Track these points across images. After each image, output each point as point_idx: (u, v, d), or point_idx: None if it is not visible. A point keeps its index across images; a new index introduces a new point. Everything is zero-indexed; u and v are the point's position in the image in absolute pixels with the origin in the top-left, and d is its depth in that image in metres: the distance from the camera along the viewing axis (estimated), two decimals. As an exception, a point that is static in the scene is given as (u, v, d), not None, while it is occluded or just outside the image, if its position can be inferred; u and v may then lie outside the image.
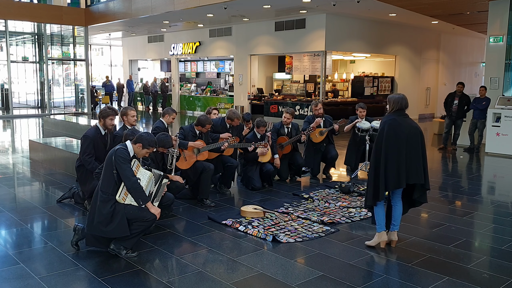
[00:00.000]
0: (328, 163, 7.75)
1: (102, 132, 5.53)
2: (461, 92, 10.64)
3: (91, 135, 5.45)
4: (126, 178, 4.12)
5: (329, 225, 5.18)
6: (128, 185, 4.12)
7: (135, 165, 4.25)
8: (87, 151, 5.40)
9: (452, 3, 12.15)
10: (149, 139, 4.30)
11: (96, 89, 22.62)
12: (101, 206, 4.16)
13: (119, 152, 4.17)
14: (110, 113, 5.48)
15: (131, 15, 16.27)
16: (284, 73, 18.32)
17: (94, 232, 4.24)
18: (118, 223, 4.13)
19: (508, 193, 7.41)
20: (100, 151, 5.43)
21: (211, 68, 21.69)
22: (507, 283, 3.81)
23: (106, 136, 5.57)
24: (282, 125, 7.29)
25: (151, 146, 4.31)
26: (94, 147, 5.43)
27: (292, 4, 13.25)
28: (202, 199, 5.98)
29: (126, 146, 4.28)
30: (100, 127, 5.52)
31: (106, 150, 5.32)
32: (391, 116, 4.38)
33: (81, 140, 5.55)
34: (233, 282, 3.79)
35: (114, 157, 4.15)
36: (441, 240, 4.79)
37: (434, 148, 11.76)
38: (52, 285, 3.71)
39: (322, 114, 7.56)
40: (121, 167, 4.12)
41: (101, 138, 5.52)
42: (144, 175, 4.28)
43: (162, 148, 5.31)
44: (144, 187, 4.24)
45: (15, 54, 20.99)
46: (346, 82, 18.69)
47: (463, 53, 20.50)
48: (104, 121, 5.47)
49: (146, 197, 4.22)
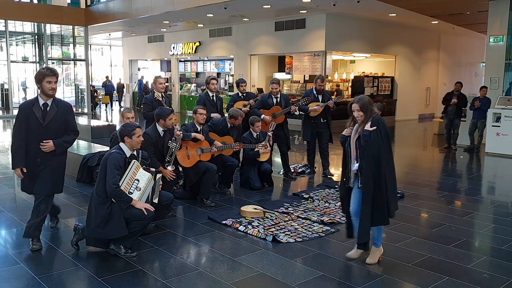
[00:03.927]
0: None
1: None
2: (459, 91, 10.66)
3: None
4: (107, 184, 4.09)
5: (329, 225, 5.18)
6: (108, 191, 4.11)
7: (135, 166, 4.25)
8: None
9: (452, 3, 12.15)
10: (126, 127, 4.32)
11: (96, 89, 22.63)
12: (98, 208, 4.17)
13: (112, 158, 4.18)
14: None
15: (131, 15, 16.27)
16: (284, 73, 18.32)
17: (94, 235, 4.25)
18: (116, 223, 4.13)
19: (508, 193, 7.40)
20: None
21: (211, 68, 21.68)
22: (507, 283, 3.81)
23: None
24: (270, 95, 7.40)
25: (131, 129, 4.29)
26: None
27: (292, 4, 13.24)
28: (202, 199, 5.98)
29: (121, 148, 4.29)
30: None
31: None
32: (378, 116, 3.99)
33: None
34: (233, 282, 3.79)
35: (108, 160, 4.18)
36: (441, 240, 4.79)
37: (435, 148, 11.77)
38: (52, 285, 3.71)
39: (323, 90, 7.63)
40: (108, 172, 4.13)
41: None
42: (143, 176, 4.28)
43: (163, 122, 5.41)
44: (143, 188, 4.24)
45: (15, 54, 20.96)
46: (346, 82, 18.67)
47: (463, 53, 20.49)
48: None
49: (128, 199, 4.16)
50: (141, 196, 4.27)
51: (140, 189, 4.25)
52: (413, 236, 4.89)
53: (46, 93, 4.24)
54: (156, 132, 5.52)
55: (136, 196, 4.21)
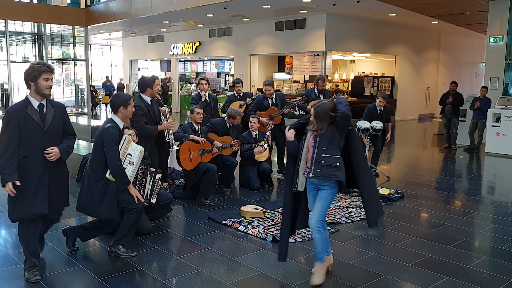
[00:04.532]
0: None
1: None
2: (454, 91, 10.68)
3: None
4: (110, 162, 4.00)
5: (329, 225, 5.17)
6: (111, 168, 4.01)
7: (126, 140, 4.15)
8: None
9: (452, 3, 12.15)
10: (121, 97, 4.28)
11: (96, 89, 22.62)
12: (92, 185, 4.06)
13: (108, 132, 4.03)
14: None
15: (131, 15, 16.27)
16: (284, 73, 18.32)
17: (83, 212, 4.21)
18: (108, 204, 4.05)
19: (508, 193, 7.40)
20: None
21: (211, 68, 21.68)
22: (507, 283, 3.81)
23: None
24: (265, 97, 7.42)
25: (127, 98, 4.25)
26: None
27: (292, 4, 13.24)
28: (201, 199, 5.99)
29: (114, 121, 4.16)
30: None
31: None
32: None
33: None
34: (233, 282, 3.79)
35: (104, 136, 4.03)
36: (441, 240, 4.79)
37: (434, 148, 11.77)
38: (52, 285, 3.71)
39: (324, 90, 7.66)
40: (108, 149, 4.00)
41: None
42: (135, 150, 4.21)
43: (150, 91, 5.56)
44: (136, 162, 4.18)
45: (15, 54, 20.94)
46: (346, 82, 18.67)
47: (463, 53, 20.49)
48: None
49: (127, 181, 4.09)
50: (134, 171, 4.20)
51: (133, 163, 4.16)
52: (413, 236, 4.89)
53: (42, 92, 3.66)
54: (144, 102, 5.65)
55: (130, 171, 4.13)
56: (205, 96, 7.12)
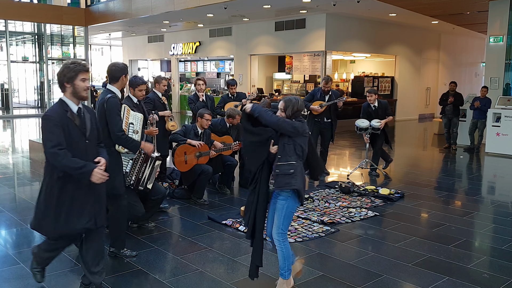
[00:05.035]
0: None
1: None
2: (454, 90, 10.68)
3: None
4: (113, 132, 3.96)
5: (329, 225, 5.18)
6: (115, 139, 3.99)
7: (126, 110, 4.13)
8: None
9: (452, 3, 12.14)
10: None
11: (96, 89, 22.60)
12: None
13: (111, 104, 3.97)
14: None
15: (131, 15, 16.26)
16: (284, 73, 18.32)
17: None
18: (121, 178, 4.09)
19: (508, 193, 7.40)
20: None
21: (211, 68, 21.68)
22: (507, 283, 3.81)
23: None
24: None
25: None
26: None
27: (292, 4, 13.23)
28: (196, 198, 6.06)
29: (112, 91, 4.11)
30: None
31: None
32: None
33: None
34: (233, 282, 3.79)
35: (107, 107, 3.98)
36: (441, 240, 4.79)
37: (435, 148, 11.77)
38: (52, 285, 3.71)
39: (329, 91, 7.73)
40: (111, 119, 3.95)
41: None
42: (135, 118, 4.21)
43: (133, 92, 5.03)
44: (139, 130, 4.22)
45: (15, 54, 20.98)
46: (346, 82, 18.67)
47: (463, 53, 20.49)
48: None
49: (136, 143, 4.07)
50: (139, 139, 4.22)
51: (138, 132, 4.19)
52: (413, 236, 4.89)
53: (80, 94, 3.23)
54: (132, 102, 5.25)
55: (136, 139, 4.16)
56: (202, 96, 7.14)
